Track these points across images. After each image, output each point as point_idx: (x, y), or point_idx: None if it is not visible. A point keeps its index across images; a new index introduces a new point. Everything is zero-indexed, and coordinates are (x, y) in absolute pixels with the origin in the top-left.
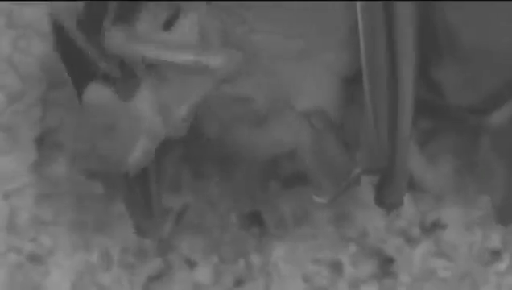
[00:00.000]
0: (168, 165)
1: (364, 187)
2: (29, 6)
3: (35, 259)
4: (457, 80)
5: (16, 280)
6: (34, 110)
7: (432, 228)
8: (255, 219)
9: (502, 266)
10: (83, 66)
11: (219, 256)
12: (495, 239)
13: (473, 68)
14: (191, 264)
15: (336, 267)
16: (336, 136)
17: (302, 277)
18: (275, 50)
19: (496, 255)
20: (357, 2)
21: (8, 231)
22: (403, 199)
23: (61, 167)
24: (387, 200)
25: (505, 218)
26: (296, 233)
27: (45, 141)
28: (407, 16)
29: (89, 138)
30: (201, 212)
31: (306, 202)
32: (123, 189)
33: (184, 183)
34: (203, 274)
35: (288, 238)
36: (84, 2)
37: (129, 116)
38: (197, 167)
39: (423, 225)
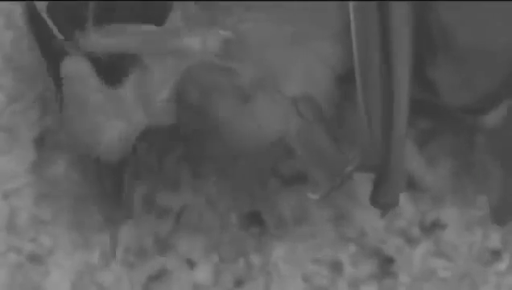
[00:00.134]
0: (168, 165)
1: (364, 187)
2: None
3: (35, 259)
4: (452, 79)
5: (16, 280)
6: (33, 110)
7: (432, 228)
8: (255, 219)
9: (502, 266)
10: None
11: (219, 256)
12: (495, 239)
13: (468, 68)
14: (191, 264)
15: (335, 267)
16: (324, 126)
17: (302, 277)
18: (264, 36)
19: (496, 255)
20: (350, 2)
21: (8, 231)
22: (399, 199)
23: (61, 167)
24: (382, 199)
25: (501, 218)
26: (296, 232)
27: (44, 141)
28: (403, 16)
29: (62, 111)
30: (201, 212)
31: (305, 202)
32: (93, 174)
33: (184, 182)
34: (203, 274)
35: (288, 238)
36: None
37: (106, 95)
38: (196, 166)
39: (423, 225)
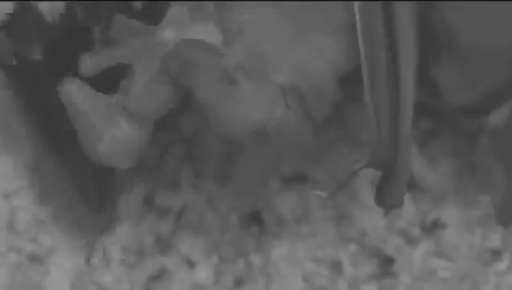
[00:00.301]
0: (168, 165)
1: (364, 187)
2: None
3: (35, 259)
4: (456, 79)
5: (16, 280)
6: None
7: (432, 228)
8: (255, 219)
9: (502, 266)
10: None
11: (219, 256)
12: (495, 239)
13: (472, 68)
14: (191, 264)
15: (335, 267)
16: (308, 119)
17: (302, 277)
18: (262, 27)
19: (496, 255)
20: (355, 2)
21: (8, 231)
22: (404, 199)
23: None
24: (387, 200)
25: (505, 219)
26: (296, 232)
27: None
28: (408, 16)
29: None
30: (201, 212)
31: (306, 202)
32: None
33: (184, 182)
34: (203, 274)
35: (288, 238)
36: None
37: (106, 104)
38: (197, 166)
39: (423, 225)
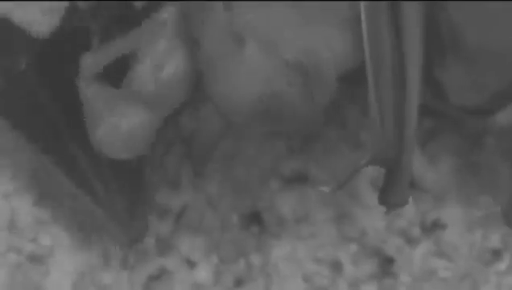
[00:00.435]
0: (168, 164)
1: (364, 187)
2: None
3: (35, 259)
4: (461, 80)
5: (16, 280)
6: None
7: (432, 228)
8: (255, 219)
9: (502, 266)
10: None
11: (219, 256)
12: (495, 239)
13: (477, 69)
14: (191, 264)
15: (336, 267)
16: (308, 97)
17: (302, 277)
18: (271, 17)
19: (496, 255)
20: (361, 2)
21: (8, 231)
22: (408, 199)
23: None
24: (392, 199)
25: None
26: (296, 232)
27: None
28: (414, 16)
29: None
30: (201, 212)
31: (306, 201)
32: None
33: (184, 182)
34: (203, 274)
35: (288, 238)
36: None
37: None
38: (197, 166)
39: (423, 225)
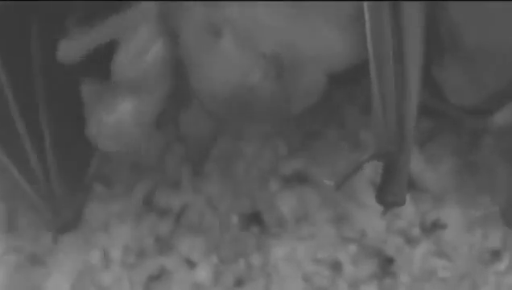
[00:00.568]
0: (168, 164)
1: (364, 187)
2: None
3: (35, 259)
4: (459, 80)
5: (16, 281)
6: None
7: (432, 228)
8: (255, 219)
9: (502, 266)
10: None
11: (219, 256)
12: (495, 239)
13: (476, 68)
14: (191, 264)
15: (335, 267)
16: (282, 90)
17: (302, 277)
18: (249, 12)
19: (496, 255)
20: (364, 2)
21: (8, 231)
22: (405, 198)
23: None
24: (390, 198)
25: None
26: (296, 233)
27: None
28: (415, 16)
29: None
30: (201, 212)
31: (306, 202)
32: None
33: (184, 182)
34: (203, 274)
35: (288, 238)
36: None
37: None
38: (197, 166)
39: (423, 225)
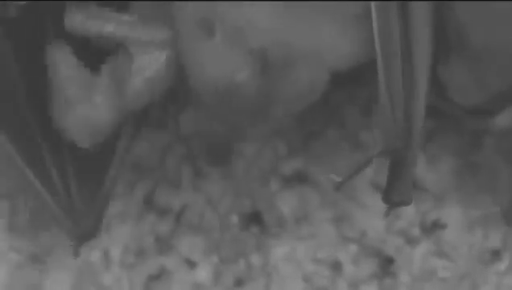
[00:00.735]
0: (168, 164)
1: (364, 187)
2: None
3: (35, 259)
4: (464, 79)
5: (16, 280)
6: None
7: (432, 228)
8: (255, 219)
9: (502, 266)
10: None
11: (219, 256)
12: (495, 239)
13: (481, 68)
14: (191, 264)
15: (335, 267)
16: (268, 84)
17: (302, 277)
18: (243, 9)
19: (496, 255)
20: (372, 2)
21: (8, 231)
22: (412, 197)
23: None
24: (396, 198)
25: None
26: (296, 232)
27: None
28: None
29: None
30: (201, 212)
31: (306, 202)
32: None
33: (184, 182)
34: (203, 274)
35: (288, 238)
36: None
37: (83, 79)
38: (197, 166)
39: (423, 225)
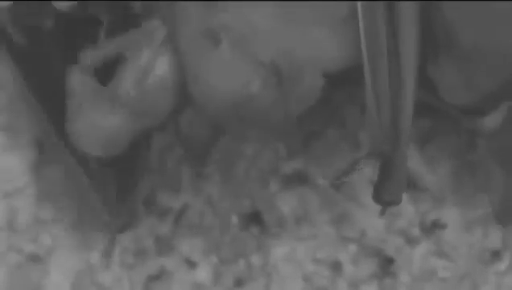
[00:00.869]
0: (168, 165)
1: (364, 187)
2: None
3: (35, 259)
4: (453, 79)
5: (16, 280)
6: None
7: (432, 228)
8: (255, 219)
9: (502, 266)
10: None
11: (219, 256)
12: (495, 239)
13: (470, 68)
14: (191, 264)
15: (335, 267)
16: (283, 99)
17: (302, 277)
18: (246, 19)
19: (496, 255)
20: (358, 2)
21: (8, 231)
22: (402, 197)
23: (61, 166)
24: (386, 197)
25: (504, 219)
26: (296, 233)
27: (45, 140)
28: (411, 16)
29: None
30: (201, 212)
31: (306, 202)
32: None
33: (184, 183)
34: (203, 274)
35: (288, 238)
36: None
37: (100, 92)
38: (197, 167)
39: (423, 225)
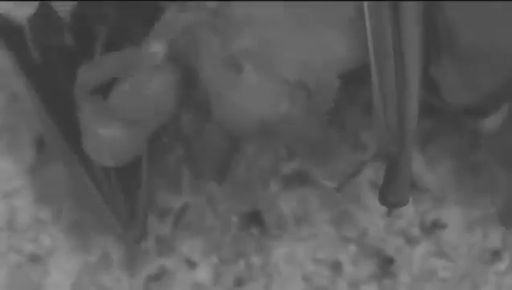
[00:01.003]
0: (168, 165)
1: (364, 187)
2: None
3: (35, 259)
4: (455, 79)
5: (16, 280)
6: (33, 110)
7: (432, 228)
8: (255, 219)
9: (502, 266)
10: None
11: (219, 257)
12: (495, 239)
13: (472, 68)
14: (191, 264)
15: (335, 267)
16: (314, 117)
17: (302, 277)
18: (269, 15)
19: (496, 255)
20: (364, 2)
21: (8, 231)
22: (408, 198)
23: (61, 166)
24: (392, 198)
25: (508, 220)
26: (296, 233)
27: (44, 141)
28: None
29: None
30: (201, 212)
31: (306, 202)
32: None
33: (184, 183)
34: (203, 274)
35: (288, 238)
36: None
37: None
38: (197, 167)
39: (423, 225)
